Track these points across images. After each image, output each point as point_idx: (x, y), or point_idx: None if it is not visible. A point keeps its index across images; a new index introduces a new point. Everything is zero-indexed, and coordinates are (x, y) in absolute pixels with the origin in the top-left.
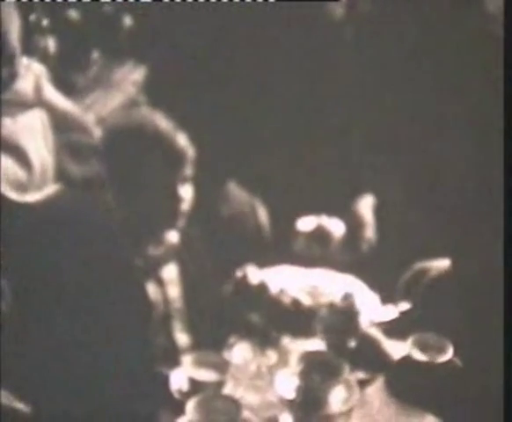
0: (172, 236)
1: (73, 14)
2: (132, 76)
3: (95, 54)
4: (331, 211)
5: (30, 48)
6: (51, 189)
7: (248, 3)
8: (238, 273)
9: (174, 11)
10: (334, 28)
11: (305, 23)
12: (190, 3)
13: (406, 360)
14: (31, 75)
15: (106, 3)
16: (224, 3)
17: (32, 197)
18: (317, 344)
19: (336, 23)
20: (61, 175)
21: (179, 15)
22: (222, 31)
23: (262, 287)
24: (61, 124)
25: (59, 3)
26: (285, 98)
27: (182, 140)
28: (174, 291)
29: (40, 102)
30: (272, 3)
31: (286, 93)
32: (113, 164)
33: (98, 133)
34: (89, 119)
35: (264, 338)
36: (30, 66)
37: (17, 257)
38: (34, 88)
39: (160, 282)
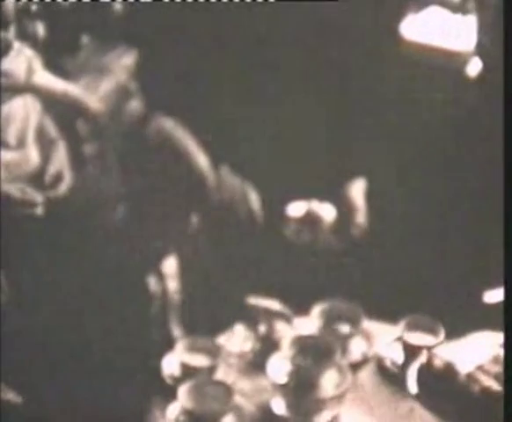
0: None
1: None
2: (122, 62)
3: (85, 39)
4: (321, 196)
5: (19, 34)
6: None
7: None
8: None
9: None
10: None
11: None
12: None
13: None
14: (23, 57)
15: None
16: None
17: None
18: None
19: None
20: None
21: None
22: (212, 15)
23: None
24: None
25: None
26: (276, 83)
27: (203, 161)
28: (173, 284)
29: (30, 86)
30: None
31: (277, 78)
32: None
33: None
34: (91, 99)
35: (257, 323)
36: (22, 49)
37: (15, 250)
38: (26, 71)
39: (160, 275)
